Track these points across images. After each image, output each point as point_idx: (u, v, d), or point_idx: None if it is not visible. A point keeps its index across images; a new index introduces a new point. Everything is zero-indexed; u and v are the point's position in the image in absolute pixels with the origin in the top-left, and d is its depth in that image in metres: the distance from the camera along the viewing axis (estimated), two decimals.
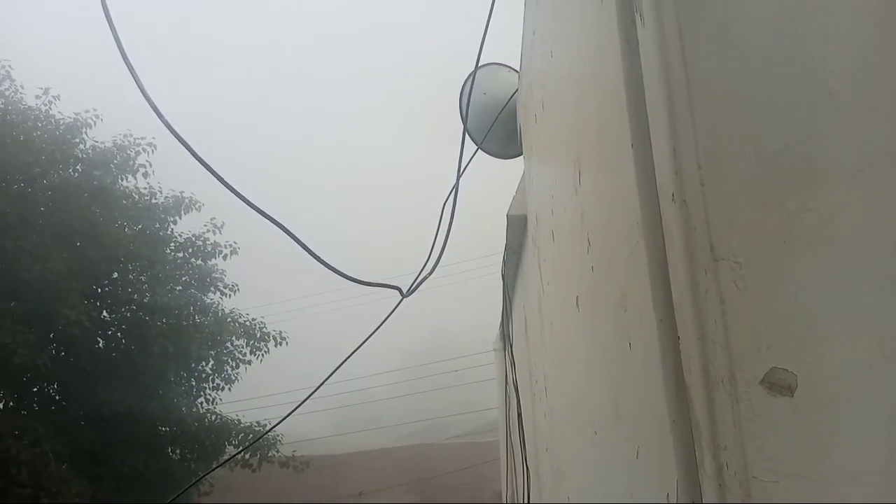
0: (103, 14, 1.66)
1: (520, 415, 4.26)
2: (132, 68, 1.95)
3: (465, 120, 3.83)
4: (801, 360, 0.77)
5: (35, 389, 12.27)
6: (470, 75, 3.94)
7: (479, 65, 3.59)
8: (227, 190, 2.07)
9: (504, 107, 4.00)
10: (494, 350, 7.81)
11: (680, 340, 0.83)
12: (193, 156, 2.04)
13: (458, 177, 3.09)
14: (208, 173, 2.07)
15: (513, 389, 4.42)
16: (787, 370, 0.76)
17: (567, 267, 2.09)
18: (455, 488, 18.56)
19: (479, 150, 4.05)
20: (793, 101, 0.85)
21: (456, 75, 3.85)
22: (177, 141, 2.06)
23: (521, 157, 3.85)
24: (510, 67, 4.13)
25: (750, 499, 0.73)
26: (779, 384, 0.76)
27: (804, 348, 0.77)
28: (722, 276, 0.79)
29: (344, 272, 1.94)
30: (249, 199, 2.06)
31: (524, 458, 3.84)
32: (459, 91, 4.07)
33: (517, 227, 4.16)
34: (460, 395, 20.02)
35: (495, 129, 3.99)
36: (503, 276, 4.83)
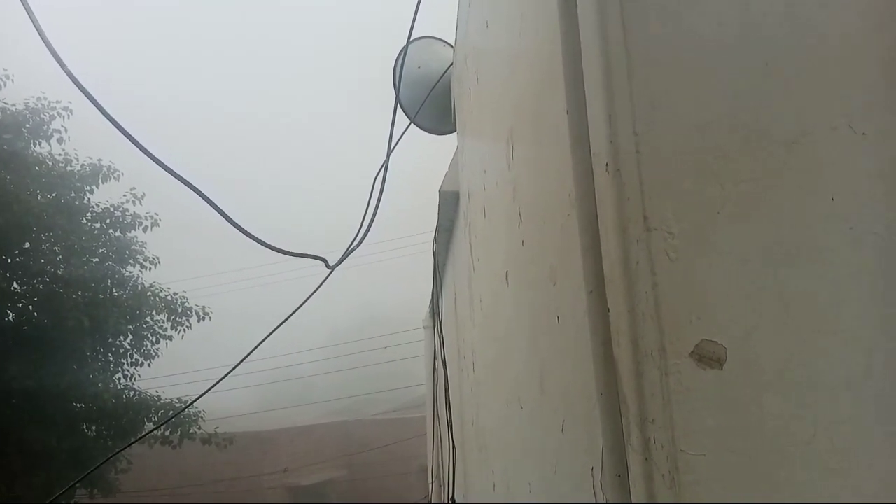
0: None
1: (447, 389, 4.27)
2: (39, 27, 1.80)
3: (397, 92, 3.76)
4: (731, 332, 0.76)
5: None
6: (403, 48, 3.87)
7: (413, 38, 3.53)
8: (149, 159, 1.96)
9: (438, 81, 3.95)
10: (424, 327, 7.82)
11: (610, 312, 0.81)
12: (106, 116, 1.91)
13: (389, 151, 3.03)
14: (128, 141, 1.94)
15: (441, 365, 4.43)
16: (716, 342, 0.76)
17: (498, 242, 2.07)
18: (382, 463, 18.65)
19: (413, 125, 3.98)
20: (730, 71, 0.83)
21: (394, 44, 3.76)
22: (94, 107, 1.93)
23: (455, 133, 3.82)
24: (445, 42, 4.07)
25: (677, 472, 0.72)
26: (708, 357, 0.75)
27: (734, 321, 0.77)
28: (654, 246, 0.78)
29: (268, 242, 1.86)
30: (168, 165, 1.95)
31: (450, 433, 3.85)
32: (393, 63, 3.99)
33: (449, 204, 4.14)
34: (388, 371, 20.04)
35: (429, 103, 3.93)
36: (434, 252, 4.81)
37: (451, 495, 3.53)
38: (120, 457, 11.00)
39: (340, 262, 2.16)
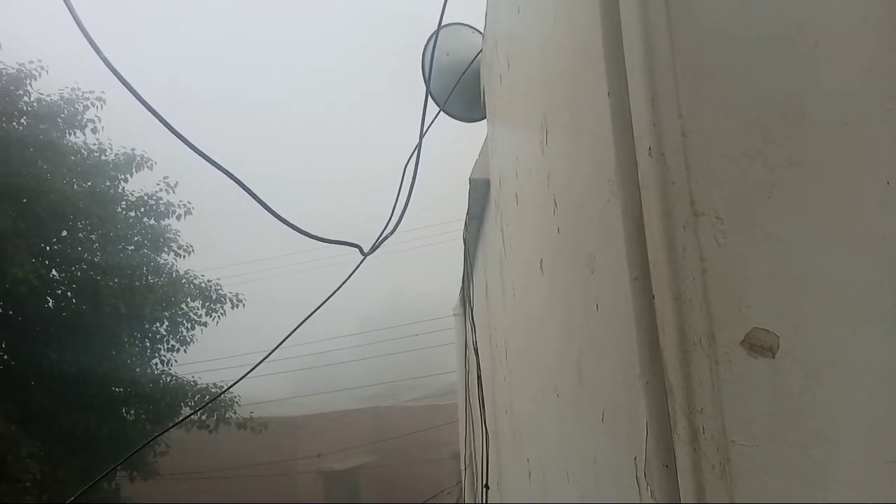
0: None
1: (479, 377, 4.27)
2: (76, 15, 1.82)
3: (427, 81, 3.74)
4: (784, 320, 0.74)
5: None
6: (432, 35, 3.85)
7: (442, 24, 3.50)
8: (183, 147, 1.97)
9: (467, 68, 3.92)
10: (454, 315, 7.82)
11: (655, 300, 0.79)
12: (141, 101, 1.93)
13: (421, 138, 3.02)
14: (161, 130, 1.96)
15: (472, 353, 4.43)
16: (768, 331, 0.73)
17: (531, 230, 2.05)
18: (413, 449, 18.80)
19: (442, 113, 3.97)
20: (781, 50, 0.80)
21: (422, 32, 3.74)
22: (128, 95, 1.95)
23: (485, 120, 3.79)
24: (474, 28, 4.04)
25: (728, 463, 0.70)
26: (760, 345, 0.73)
27: (787, 308, 0.74)
28: (702, 232, 0.76)
29: (302, 229, 1.87)
30: (202, 151, 1.96)
31: (483, 420, 3.85)
32: (422, 51, 3.97)
33: (479, 191, 4.12)
34: (419, 358, 20.13)
35: (458, 91, 3.91)
36: (464, 240, 4.80)
37: (484, 481, 3.54)
38: (158, 440, 11.24)
39: (374, 249, 2.16)
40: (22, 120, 11.37)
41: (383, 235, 2.19)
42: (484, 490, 3.58)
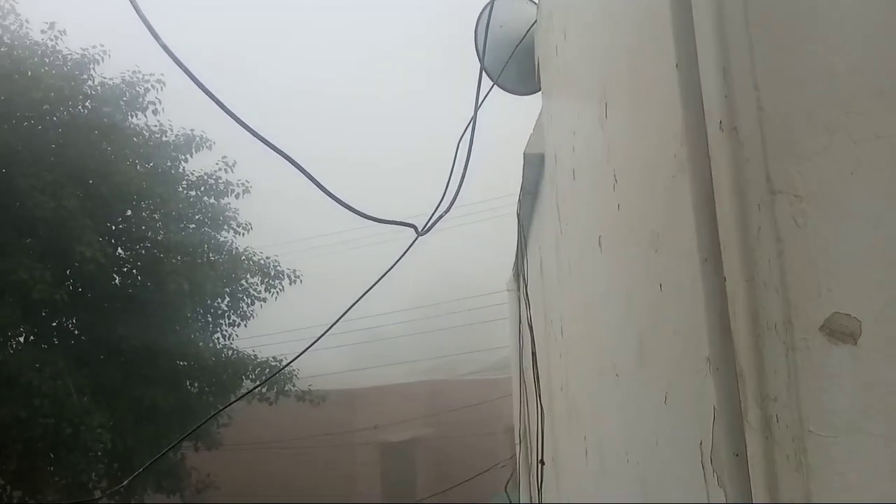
0: None
1: (534, 354, 4.25)
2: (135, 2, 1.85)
3: (480, 55, 3.69)
4: (867, 304, 0.70)
5: (54, 324, 12.45)
6: (485, 7, 3.78)
7: None
8: (240, 127, 2.00)
9: (521, 40, 3.85)
10: (508, 290, 7.79)
11: (727, 281, 0.76)
12: (200, 87, 1.95)
13: (475, 112, 2.98)
14: (219, 111, 1.99)
15: (527, 329, 4.40)
16: (850, 316, 0.69)
17: (589, 206, 2.01)
18: (468, 423, 18.95)
19: (496, 87, 3.91)
20: (862, 16, 0.75)
21: (474, 4, 3.68)
22: (187, 78, 1.98)
23: (540, 93, 3.72)
24: None
25: (805, 454, 0.67)
26: (841, 331, 0.69)
27: (870, 292, 0.70)
28: (779, 211, 0.72)
29: (357, 209, 1.87)
30: (260, 134, 1.98)
31: (538, 396, 3.84)
32: (475, 24, 3.92)
33: (534, 166, 4.05)
34: (473, 333, 20.19)
35: (512, 63, 3.84)
36: (518, 216, 4.75)
37: (540, 457, 3.54)
38: (221, 412, 11.60)
39: (429, 227, 2.15)
40: (87, 104, 11.73)
41: (438, 213, 2.18)
42: (539, 465, 3.58)
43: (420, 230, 2.17)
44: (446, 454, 19.94)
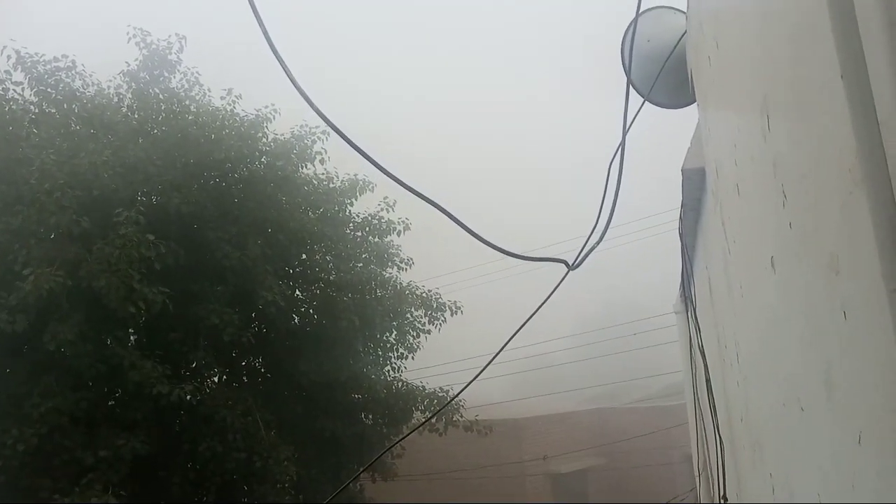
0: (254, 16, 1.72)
1: (708, 381, 4.00)
2: (288, 70, 2.02)
3: (628, 72, 3.60)
4: None
5: (243, 364, 13.59)
6: (631, 23, 3.69)
7: (641, 10, 3.34)
8: (396, 166, 2.10)
9: (671, 53, 3.71)
10: (675, 312, 7.43)
11: None
12: (352, 146, 2.08)
13: (624, 135, 2.90)
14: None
15: (698, 354, 4.16)
16: None
17: (758, 224, 1.88)
18: (641, 452, 18.15)
19: (646, 103, 3.79)
20: None
21: (614, 21, 3.61)
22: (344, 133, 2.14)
23: (694, 105, 3.56)
24: (675, 9, 3.82)
25: None
26: None
27: None
28: None
29: (507, 250, 1.88)
30: (409, 185, 2.06)
31: (716, 428, 3.60)
32: (620, 41, 3.83)
33: (694, 182, 3.86)
34: (638, 358, 19.41)
35: (662, 77, 3.71)
36: (680, 234, 4.54)
37: (722, 493, 3.30)
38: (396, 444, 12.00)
39: (580, 262, 2.11)
40: (262, 159, 12.84)
41: (589, 246, 2.14)
42: (723, 503, 3.34)
43: (571, 265, 2.13)
44: (620, 485, 19.20)
